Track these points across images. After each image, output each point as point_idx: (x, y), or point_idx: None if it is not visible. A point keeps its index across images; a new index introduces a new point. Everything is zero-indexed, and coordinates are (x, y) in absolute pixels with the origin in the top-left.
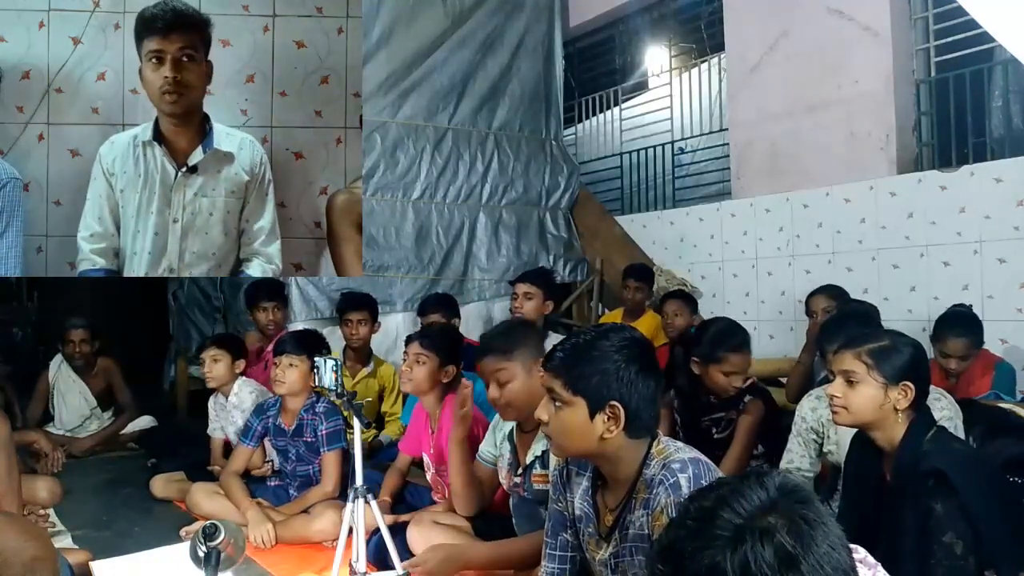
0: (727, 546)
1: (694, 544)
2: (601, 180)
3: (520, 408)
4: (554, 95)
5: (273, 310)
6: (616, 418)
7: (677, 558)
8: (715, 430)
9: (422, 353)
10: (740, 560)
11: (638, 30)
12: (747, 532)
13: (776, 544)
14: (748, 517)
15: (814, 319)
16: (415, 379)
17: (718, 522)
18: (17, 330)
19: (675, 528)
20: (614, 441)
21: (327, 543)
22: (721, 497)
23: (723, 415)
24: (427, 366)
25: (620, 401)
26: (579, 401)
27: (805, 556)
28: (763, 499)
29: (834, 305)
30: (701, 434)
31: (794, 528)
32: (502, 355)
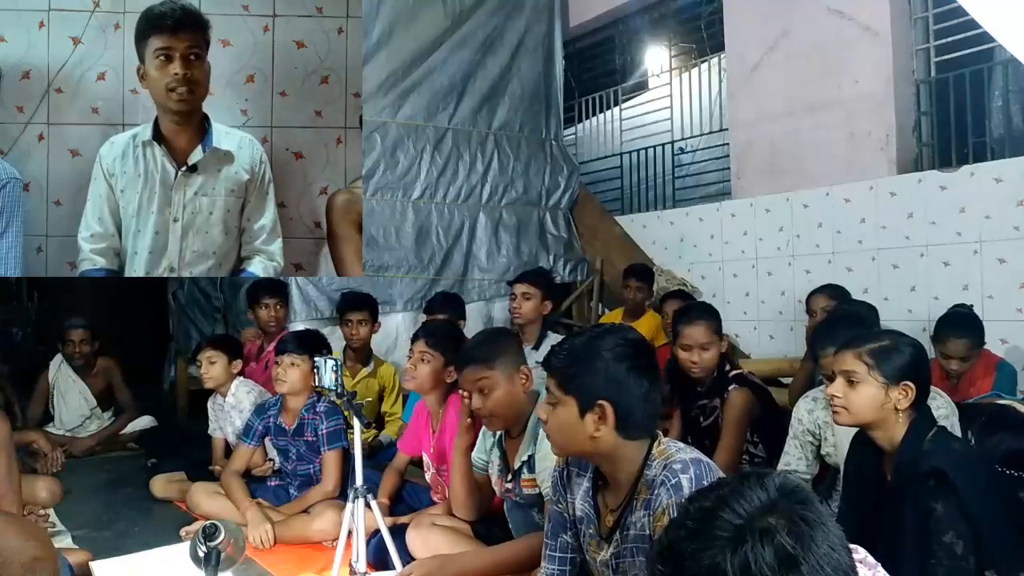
0: (727, 547)
1: (694, 545)
2: (601, 180)
3: (505, 417)
4: (554, 95)
5: (275, 307)
6: (604, 417)
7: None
8: (701, 418)
9: (427, 352)
10: (740, 561)
11: (638, 30)
12: (747, 533)
13: (776, 545)
14: (748, 518)
15: (813, 318)
16: (419, 377)
17: (718, 523)
18: (17, 330)
19: (675, 529)
20: (605, 440)
21: (327, 543)
22: (721, 498)
23: (706, 402)
24: (431, 365)
25: (608, 400)
26: (570, 400)
27: (805, 557)
28: (763, 500)
29: (834, 304)
30: (691, 424)
31: (794, 529)
32: (483, 364)
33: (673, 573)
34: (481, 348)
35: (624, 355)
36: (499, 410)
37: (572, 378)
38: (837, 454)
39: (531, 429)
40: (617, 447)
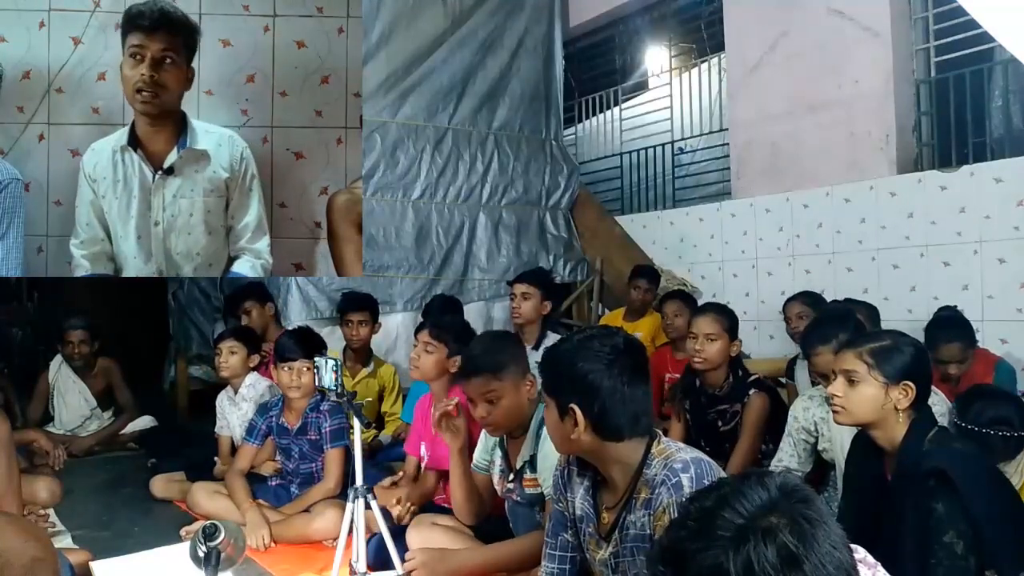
0: (730, 546)
1: (696, 544)
2: (601, 180)
3: (508, 426)
4: (554, 95)
5: (258, 311)
6: (576, 419)
7: (679, 559)
8: (720, 423)
9: (431, 342)
10: (743, 560)
11: (638, 30)
12: (750, 532)
13: (779, 544)
14: (750, 517)
15: (789, 324)
16: (422, 367)
17: (720, 522)
18: (17, 330)
19: (676, 529)
20: (583, 442)
21: (327, 542)
22: (722, 497)
23: (727, 407)
24: (435, 355)
25: (578, 405)
26: (551, 402)
27: (808, 555)
28: (764, 499)
29: (808, 311)
30: (708, 429)
31: (796, 528)
32: (492, 375)
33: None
34: (489, 357)
35: (598, 359)
36: (504, 420)
37: (550, 382)
38: (833, 449)
39: (533, 429)
40: (600, 448)
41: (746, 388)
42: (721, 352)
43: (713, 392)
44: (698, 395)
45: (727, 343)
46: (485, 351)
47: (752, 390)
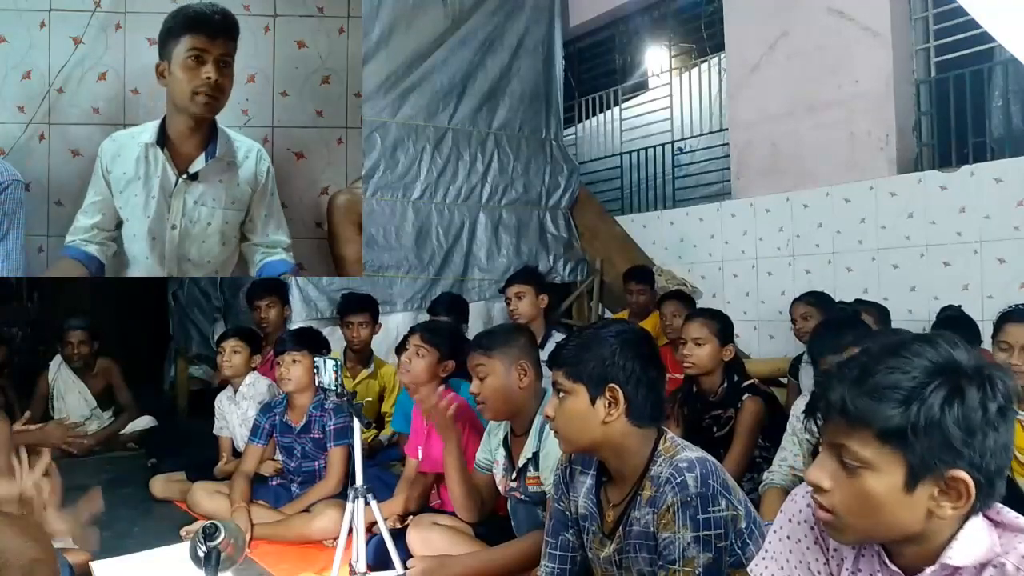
0: (933, 373)
1: (892, 363)
2: (601, 180)
3: (496, 408)
4: (554, 95)
5: (271, 307)
6: (616, 401)
7: (865, 370)
8: (715, 428)
9: (422, 346)
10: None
11: (638, 30)
12: (947, 370)
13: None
14: (948, 356)
15: (795, 325)
16: (413, 371)
17: (919, 351)
18: (17, 330)
19: (863, 355)
20: (616, 426)
21: (327, 542)
22: (903, 340)
23: (721, 412)
24: (426, 359)
25: (618, 384)
26: (580, 388)
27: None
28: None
29: (814, 311)
30: (703, 433)
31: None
32: (483, 351)
33: (858, 378)
34: (486, 336)
35: (630, 343)
36: (491, 397)
37: (581, 366)
38: None
39: (536, 427)
40: (627, 435)
41: (740, 393)
42: (711, 357)
43: (707, 397)
44: (694, 401)
45: (717, 347)
46: (488, 332)
47: (746, 395)
